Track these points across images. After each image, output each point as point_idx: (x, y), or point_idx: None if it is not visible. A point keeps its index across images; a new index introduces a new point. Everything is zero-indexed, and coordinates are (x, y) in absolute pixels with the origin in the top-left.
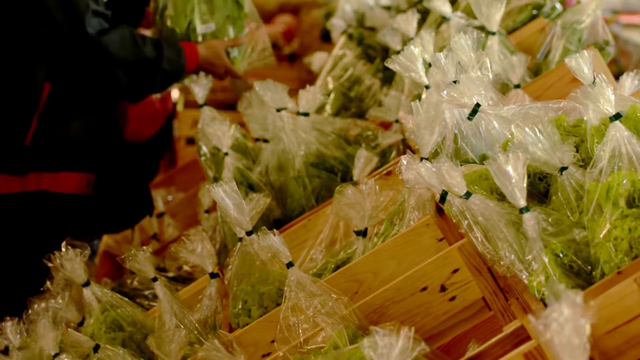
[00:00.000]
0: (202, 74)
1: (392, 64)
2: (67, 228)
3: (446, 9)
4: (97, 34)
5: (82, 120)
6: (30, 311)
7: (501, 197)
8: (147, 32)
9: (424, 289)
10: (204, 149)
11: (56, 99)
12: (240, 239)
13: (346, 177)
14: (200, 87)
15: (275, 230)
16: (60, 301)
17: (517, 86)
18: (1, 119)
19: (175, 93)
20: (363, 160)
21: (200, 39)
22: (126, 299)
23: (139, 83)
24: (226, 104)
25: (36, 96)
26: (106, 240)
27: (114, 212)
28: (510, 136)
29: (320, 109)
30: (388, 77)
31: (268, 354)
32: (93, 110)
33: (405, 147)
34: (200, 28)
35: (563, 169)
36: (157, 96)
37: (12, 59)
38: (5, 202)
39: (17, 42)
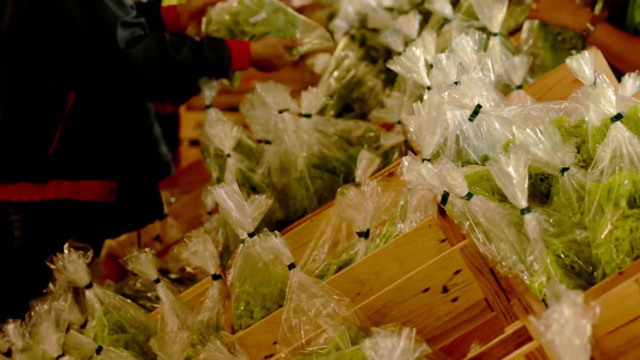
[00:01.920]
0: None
1: (394, 65)
2: (88, 235)
3: (447, 10)
4: (125, 47)
5: (107, 128)
6: (33, 313)
7: (502, 198)
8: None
9: (426, 290)
10: (209, 151)
11: (81, 108)
12: (243, 241)
13: (348, 178)
14: (210, 89)
15: (277, 231)
16: (63, 303)
17: (519, 87)
18: (26, 128)
19: None
20: (365, 162)
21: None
22: (129, 301)
23: (177, 87)
24: (229, 105)
25: (62, 105)
26: (109, 242)
27: (130, 217)
28: (511, 137)
29: (322, 111)
30: (390, 79)
31: (270, 356)
32: (119, 118)
33: (407, 148)
34: (252, 20)
35: (564, 169)
36: None
37: (38, 68)
38: (25, 210)
39: (42, 52)
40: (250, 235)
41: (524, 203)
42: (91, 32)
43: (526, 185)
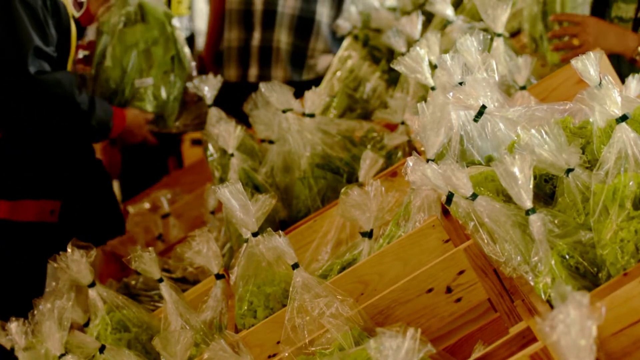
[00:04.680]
0: (211, 75)
1: (398, 66)
2: (30, 256)
3: (449, 12)
4: (35, 73)
5: (43, 146)
6: (35, 312)
7: (507, 199)
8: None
9: (430, 290)
10: (211, 150)
11: (11, 128)
12: (246, 240)
13: (352, 178)
14: (210, 87)
15: (280, 231)
16: (65, 302)
17: (523, 88)
18: None
19: None
20: (369, 162)
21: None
22: (132, 300)
23: (67, 130)
24: None
25: None
26: (110, 241)
27: (81, 236)
28: (516, 138)
29: (325, 111)
30: (393, 79)
31: (274, 355)
32: (56, 137)
33: (411, 148)
34: (137, 82)
35: (569, 170)
36: None
37: None
38: None
39: None
40: (254, 234)
41: (529, 204)
42: (4, 56)
43: (531, 186)
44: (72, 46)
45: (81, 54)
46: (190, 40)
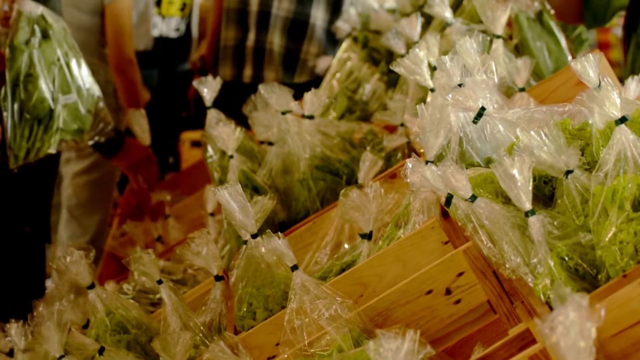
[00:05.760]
0: (210, 76)
1: (397, 67)
2: None
3: (447, 14)
4: None
5: None
6: (35, 313)
7: (506, 201)
8: None
9: (429, 292)
10: (210, 152)
11: None
12: (245, 242)
13: (351, 180)
14: (209, 89)
15: (280, 233)
16: (65, 303)
17: (522, 89)
18: None
19: None
20: (368, 163)
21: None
22: (131, 301)
23: None
24: None
25: None
26: (110, 242)
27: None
28: (515, 139)
29: (325, 112)
30: (393, 80)
31: (273, 357)
32: None
33: (411, 150)
34: (62, 99)
35: (568, 172)
36: None
37: None
38: None
39: None
40: (253, 236)
41: (528, 205)
42: None
43: (530, 188)
44: None
45: None
46: (187, 43)
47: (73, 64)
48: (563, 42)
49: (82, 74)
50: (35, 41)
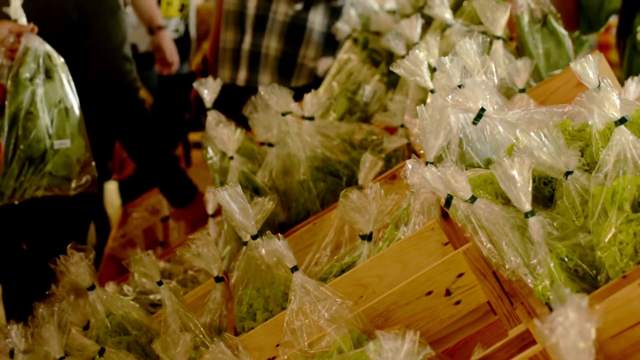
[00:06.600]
0: (210, 78)
1: (397, 68)
2: None
3: (447, 15)
4: None
5: None
6: (35, 315)
7: (506, 202)
8: None
9: (429, 293)
10: (211, 153)
11: None
12: (246, 243)
13: (351, 181)
14: (209, 90)
15: (280, 234)
16: (65, 305)
17: (522, 90)
18: None
19: None
20: (368, 165)
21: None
22: (131, 302)
23: None
24: None
25: None
26: (111, 244)
27: None
28: (515, 140)
29: (325, 113)
30: (393, 81)
31: (273, 358)
32: None
33: (410, 151)
34: (57, 143)
35: (568, 173)
36: None
37: None
38: None
39: None
40: (254, 237)
41: (527, 206)
42: None
43: (530, 189)
44: None
45: None
46: (186, 43)
47: (71, 109)
48: (569, 44)
49: (79, 121)
50: (40, 79)
